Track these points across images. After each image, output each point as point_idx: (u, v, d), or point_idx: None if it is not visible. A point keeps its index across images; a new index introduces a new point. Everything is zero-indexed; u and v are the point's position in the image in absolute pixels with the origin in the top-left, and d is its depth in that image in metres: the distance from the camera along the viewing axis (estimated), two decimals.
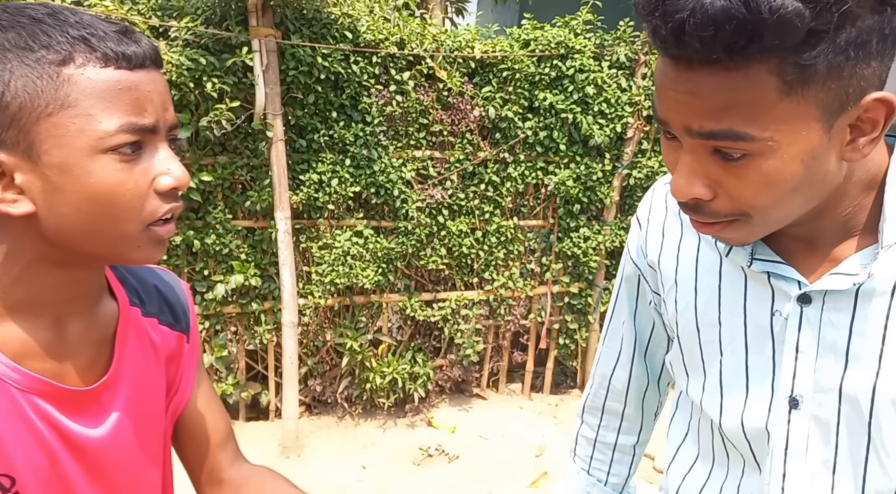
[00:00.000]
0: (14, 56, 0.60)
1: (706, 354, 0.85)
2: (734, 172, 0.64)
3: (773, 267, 0.76)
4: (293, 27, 3.05)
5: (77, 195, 0.63)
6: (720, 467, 0.88)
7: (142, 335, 0.81)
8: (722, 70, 0.58)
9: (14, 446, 0.67)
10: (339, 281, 3.31)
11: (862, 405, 0.72)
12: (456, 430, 3.56)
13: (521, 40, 3.51)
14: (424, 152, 3.43)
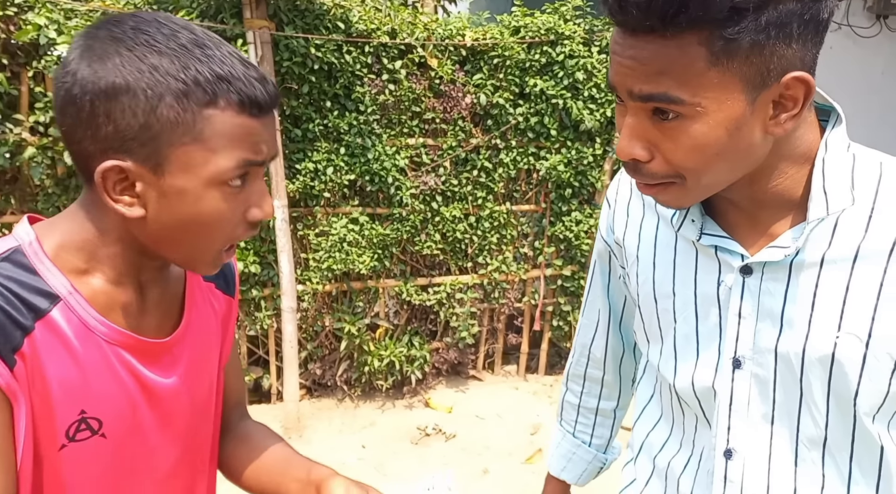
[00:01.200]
0: (167, 84, 0.68)
1: (662, 322, 0.92)
2: (668, 133, 0.70)
3: (720, 241, 0.84)
4: (286, 19, 3.11)
5: (185, 215, 0.72)
6: (678, 425, 0.96)
7: (204, 298, 0.91)
8: (658, 38, 0.65)
9: (102, 391, 0.75)
10: (336, 267, 3.39)
11: (794, 364, 0.80)
12: (453, 410, 3.66)
13: (512, 27, 3.57)
14: (417, 140, 3.50)
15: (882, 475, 0.81)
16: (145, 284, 0.81)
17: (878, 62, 4.68)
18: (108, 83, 0.67)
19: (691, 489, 0.92)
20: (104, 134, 0.69)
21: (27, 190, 3.01)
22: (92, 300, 0.75)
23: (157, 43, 0.68)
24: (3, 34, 2.74)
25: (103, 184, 0.70)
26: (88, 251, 0.76)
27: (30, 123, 2.87)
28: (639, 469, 1.04)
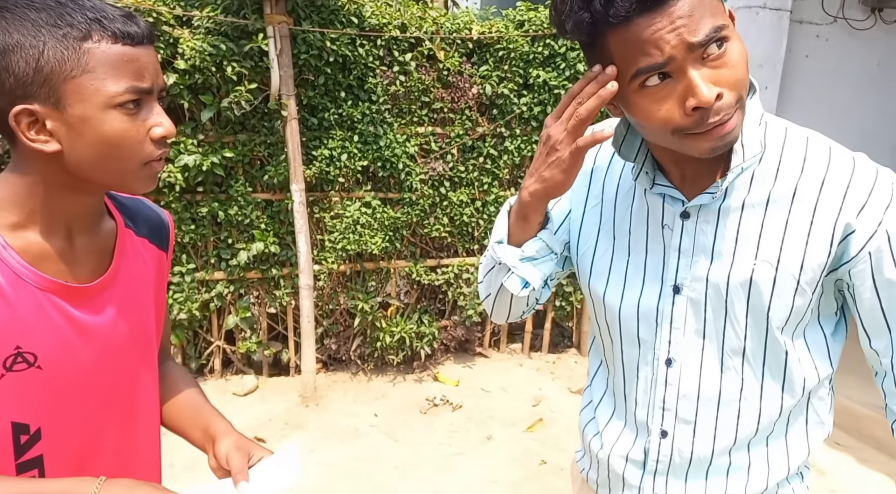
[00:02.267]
0: (46, 31, 0.80)
1: (616, 255, 1.08)
2: (723, 62, 0.82)
3: (666, 190, 1.00)
4: (304, 14, 3.32)
5: (93, 139, 0.84)
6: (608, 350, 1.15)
7: (136, 250, 1.03)
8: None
9: (35, 330, 0.88)
10: (350, 248, 3.61)
11: (721, 289, 0.98)
12: (460, 384, 3.88)
13: (516, 21, 3.77)
14: (427, 128, 3.71)
15: (786, 375, 1.01)
16: (75, 234, 0.93)
17: (874, 54, 4.80)
18: (1, 43, 0.80)
19: (636, 395, 1.10)
20: (9, 87, 0.81)
21: None
22: (23, 252, 0.87)
23: (33, 3, 0.81)
24: None
25: (18, 128, 0.82)
26: (21, 206, 0.88)
27: None
28: (594, 391, 1.23)
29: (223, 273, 3.57)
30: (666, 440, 1.07)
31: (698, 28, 0.80)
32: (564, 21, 0.86)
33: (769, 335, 0.98)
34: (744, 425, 1.04)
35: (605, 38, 0.84)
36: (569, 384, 3.94)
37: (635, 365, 1.10)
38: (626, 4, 0.79)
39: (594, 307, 1.15)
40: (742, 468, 1.07)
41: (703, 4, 0.80)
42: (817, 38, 4.65)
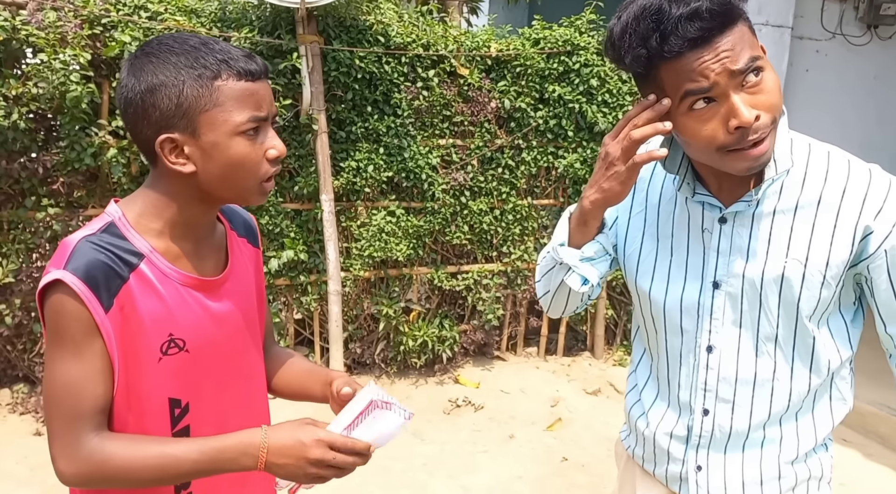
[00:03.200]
0: (185, 72, 0.96)
1: (660, 255, 1.22)
2: (759, 89, 0.96)
3: (706, 198, 1.15)
4: (334, 34, 3.50)
5: (222, 161, 0.99)
6: (653, 339, 1.28)
7: (240, 248, 1.19)
8: (728, 32, 0.94)
9: (182, 320, 1.03)
10: (376, 255, 3.77)
11: (756, 284, 1.11)
12: (480, 386, 4.03)
13: (532, 39, 3.95)
14: (448, 141, 3.89)
15: (813, 358, 1.15)
16: (200, 237, 1.09)
17: (871, 68, 5.01)
18: (148, 83, 0.96)
19: (679, 378, 1.24)
20: (155, 119, 0.97)
21: (106, 186, 3.41)
22: (165, 254, 1.03)
23: (174, 48, 0.97)
24: (92, 50, 3.15)
25: (162, 153, 0.98)
26: (159, 216, 1.03)
27: (111, 127, 3.28)
28: (639, 376, 1.37)
29: None
30: (707, 417, 1.21)
31: (738, 58, 0.94)
32: (624, 56, 1.00)
33: (798, 323, 1.12)
34: (776, 402, 1.17)
35: (658, 71, 0.99)
36: (584, 385, 4.09)
37: (678, 352, 1.23)
38: (680, 42, 0.93)
39: (640, 302, 1.28)
40: (775, 440, 1.20)
41: (743, 40, 0.95)
42: (817, 54, 4.86)
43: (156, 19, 3.23)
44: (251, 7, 3.52)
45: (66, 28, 3.05)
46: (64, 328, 0.95)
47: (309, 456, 0.98)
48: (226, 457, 0.99)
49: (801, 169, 1.10)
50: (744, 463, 1.22)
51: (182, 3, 3.34)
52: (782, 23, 4.43)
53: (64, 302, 0.94)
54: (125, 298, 0.97)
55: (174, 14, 3.24)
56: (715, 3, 0.92)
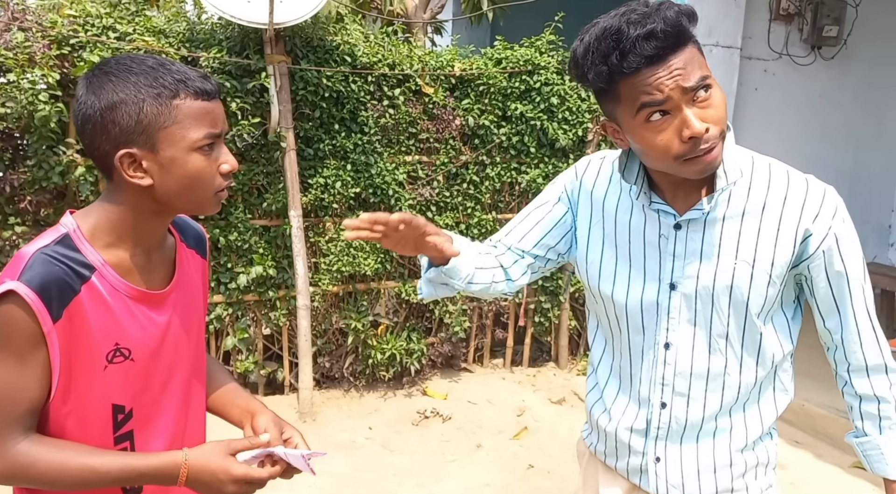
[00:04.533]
0: (145, 91, 1.00)
1: (619, 261, 1.30)
2: (709, 104, 1.06)
3: (662, 206, 1.23)
4: (301, 54, 3.58)
5: (179, 175, 1.04)
6: (617, 339, 1.37)
7: (188, 260, 1.24)
8: (680, 52, 1.04)
9: (128, 330, 1.08)
10: (344, 270, 3.84)
11: (708, 285, 1.21)
12: (448, 397, 4.10)
13: (494, 59, 4.09)
14: (414, 157, 3.99)
15: (760, 352, 1.25)
16: (151, 249, 1.13)
17: (815, 87, 5.27)
18: (108, 100, 1.00)
19: (640, 374, 1.32)
20: (114, 134, 1.01)
21: (74, 204, 3.41)
22: (116, 267, 1.07)
23: (132, 68, 1.01)
24: (60, 70, 3.18)
25: (121, 167, 1.02)
26: (113, 229, 1.07)
27: (79, 146, 3.29)
28: (600, 376, 1.44)
29: (222, 296, 3.75)
30: (665, 410, 1.30)
31: (690, 76, 1.05)
32: (587, 72, 1.09)
33: (747, 321, 1.22)
34: (727, 394, 1.27)
35: (617, 86, 1.08)
36: (549, 395, 4.20)
37: (640, 350, 1.32)
38: (637, 59, 1.03)
39: (604, 305, 1.36)
40: (725, 430, 1.30)
41: (694, 60, 1.06)
42: (765, 73, 5.10)
43: (124, 40, 3.27)
44: (219, 27, 3.58)
45: (35, 48, 3.08)
46: (10, 338, 0.98)
47: (223, 489, 1.06)
48: (146, 476, 1.05)
49: (746, 179, 1.21)
50: (698, 453, 1.31)
51: (150, 23, 3.39)
52: (731, 44, 4.65)
53: (13, 313, 0.97)
54: (75, 309, 1.01)
55: (143, 34, 3.29)
56: (668, 26, 1.02)
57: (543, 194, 1.44)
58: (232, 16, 3.24)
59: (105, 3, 3.40)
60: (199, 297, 1.26)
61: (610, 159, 1.35)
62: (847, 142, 5.49)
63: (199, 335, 1.26)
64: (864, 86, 5.44)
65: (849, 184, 5.51)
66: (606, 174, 1.35)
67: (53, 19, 3.20)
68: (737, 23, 4.66)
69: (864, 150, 5.56)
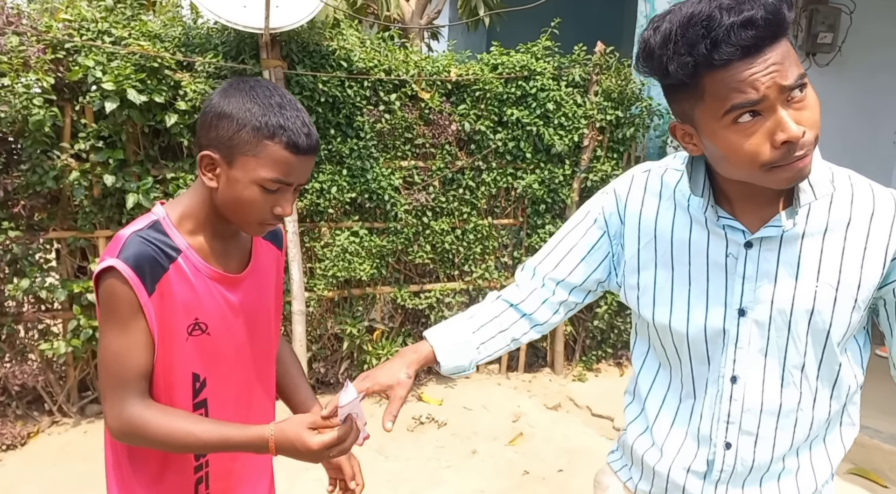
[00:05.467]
0: (250, 119, 1.11)
1: (676, 285, 1.15)
2: (803, 105, 0.93)
3: (729, 222, 1.09)
4: (297, 58, 3.58)
5: (234, 195, 1.15)
6: (676, 369, 1.22)
7: (264, 249, 1.36)
8: (776, 45, 0.91)
9: (207, 307, 1.22)
10: (339, 275, 3.83)
11: (785, 311, 1.06)
12: (443, 403, 4.09)
13: (491, 64, 4.09)
14: (410, 162, 3.98)
15: (836, 384, 1.13)
16: (227, 238, 1.26)
17: None
18: (224, 110, 1.13)
19: (702, 410, 1.18)
20: (211, 137, 1.14)
21: (68, 209, 3.41)
22: (199, 251, 1.21)
23: (257, 96, 1.13)
24: (55, 74, 3.16)
25: (200, 163, 1.16)
26: (196, 218, 1.21)
27: (73, 150, 3.28)
28: (648, 407, 1.27)
29: None
30: (730, 451, 1.16)
31: (788, 74, 0.91)
32: (667, 64, 0.95)
33: (826, 350, 1.09)
34: (798, 432, 1.14)
35: (702, 80, 0.94)
36: (545, 400, 4.19)
37: (704, 382, 1.17)
38: (732, 50, 0.89)
39: (658, 334, 1.21)
40: (792, 471, 1.17)
41: (790, 56, 0.92)
42: None
43: (119, 44, 3.26)
44: (215, 32, 3.57)
45: (29, 52, 3.07)
46: (115, 308, 1.13)
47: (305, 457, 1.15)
48: (239, 445, 1.17)
49: (829, 192, 1.08)
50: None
51: (146, 28, 3.38)
52: None
53: (115, 286, 1.12)
54: (165, 285, 1.15)
55: (138, 39, 3.28)
56: (769, 13, 0.89)
57: (575, 217, 1.31)
58: (228, 21, 3.24)
59: (101, 7, 3.39)
60: (272, 284, 1.37)
61: (657, 172, 1.22)
62: (843, 149, 5.49)
63: (269, 319, 1.37)
64: (859, 93, 5.45)
65: None
66: (655, 189, 1.20)
67: (48, 23, 3.19)
68: None
69: (859, 156, 5.56)
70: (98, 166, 3.31)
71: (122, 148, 3.34)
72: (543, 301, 1.31)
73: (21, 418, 3.52)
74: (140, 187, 3.36)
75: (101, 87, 3.16)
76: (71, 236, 3.41)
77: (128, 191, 3.34)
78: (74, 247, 3.46)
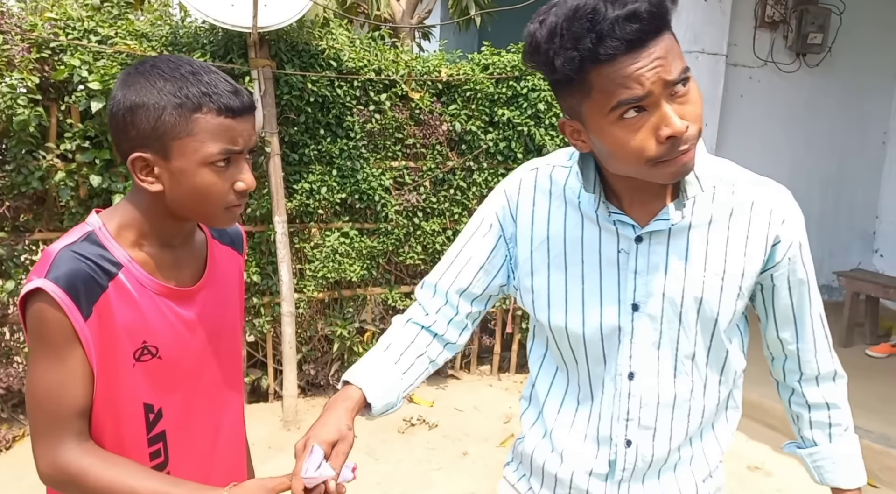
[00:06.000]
0: (167, 99, 0.98)
1: (570, 285, 1.14)
2: (686, 99, 0.93)
3: (620, 217, 1.08)
4: (286, 58, 3.55)
5: (187, 187, 1.02)
6: (573, 371, 1.20)
7: (222, 256, 1.22)
8: (659, 39, 0.90)
9: (156, 328, 1.07)
10: (329, 276, 3.80)
11: (675, 302, 1.08)
12: (434, 404, 4.07)
13: (481, 64, 4.08)
14: (400, 163, 3.96)
15: (723, 370, 1.16)
16: (177, 247, 1.12)
17: (800, 94, 5.30)
18: (132, 101, 0.99)
19: (600, 410, 1.18)
20: (132, 136, 1.00)
21: (54, 210, 3.37)
22: (143, 264, 1.07)
23: (164, 72, 0.99)
24: (40, 74, 3.13)
25: (133, 170, 1.02)
26: (137, 227, 1.07)
27: (59, 150, 3.25)
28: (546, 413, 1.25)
29: None
30: (631, 448, 1.16)
31: (672, 68, 0.91)
32: (553, 58, 0.92)
33: (714, 338, 1.12)
34: (692, 421, 1.16)
35: (588, 75, 0.92)
36: None
37: (601, 382, 1.17)
38: (616, 44, 0.88)
39: (555, 336, 1.19)
40: (687, 460, 1.19)
41: (674, 49, 0.93)
42: (750, 80, 5.13)
43: (106, 43, 3.23)
44: (203, 31, 3.55)
45: (14, 51, 3.03)
46: (45, 336, 0.99)
47: None
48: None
49: (712, 185, 1.11)
50: (662, 491, 1.20)
51: (132, 27, 3.35)
52: (717, 51, 4.67)
53: (44, 311, 0.97)
54: (103, 306, 1.01)
55: (125, 38, 3.25)
56: (653, 5, 0.89)
57: (471, 224, 1.25)
58: (215, 20, 3.21)
59: (87, 6, 3.36)
60: (233, 294, 1.24)
61: (545, 171, 1.19)
62: (831, 149, 5.52)
63: (233, 333, 1.24)
64: (849, 93, 5.47)
65: (833, 191, 5.55)
66: (544, 188, 1.17)
67: (33, 22, 3.15)
68: (722, 30, 4.68)
69: (848, 157, 5.59)
70: (84, 167, 3.27)
71: (109, 148, 3.30)
72: (449, 321, 1.25)
73: (6, 421, 3.47)
74: (127, 188, 3.32)
75: (88, 86, 3.12)
76: (57, 238, 3.37)
77: (114, 191, 3.31)
78: None
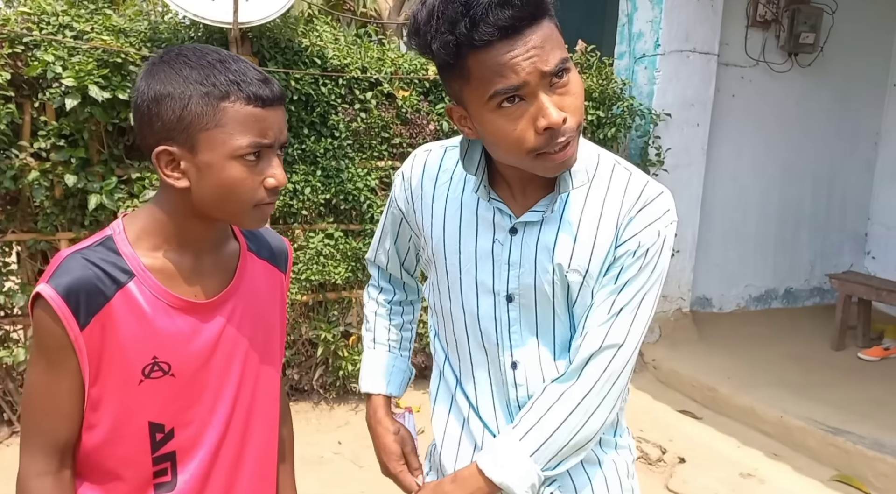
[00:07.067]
0: (193, 88, 0.93)
1: (450, 273, 1.16)
2: (567, 91, 0.93)
3: (499, 205, 1.10)
4: (269, 55, 3.46)
5: (214, 182, 0.96)
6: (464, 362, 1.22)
7: (257, 270, 1.15)
8: (536, 26, 0.90)
9: (169, 342, 1.01)
10: (313, 278, 3.71)
11: (548, 293, 1.10)
12: (420, 409, 3.98)
13: None
14: (386, 163, 3.88)
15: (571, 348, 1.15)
16: (202, 253, 1.05)
17: (792, 94, 5.25)
18: (156, 92, 0.94)
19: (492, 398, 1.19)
20: (156, 129, 0.95)
21: (27, 210, 3.27)
22: (159, 273, 1.00)
23: (190, 61, 0.95)
24: (12, 69, 3.03)
25: (158, 164, 0.96)
26: (160, 230, 1.01)
27: (33, 149, 3.14)
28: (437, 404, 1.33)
29: None
30: None
31: (549, 59, 0.91)
32: (430, 41, 0.93)
33: (573, 322, 1.14)
34: None
35: (466, 60, 0.92)
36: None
37: (486, 371, 1.18)
38: (490, 30, 0.88)
39: (444, 322, 1.23)
40: None
41: (552, 39, 0.92)
42: (742, 79, 5.07)
43: (81, 38, 3.13)
44: (183, 27, 3.45)
45: None
46: (42, 341, 0.96)
47: None
48: None
49: (587, 181, 1.11)
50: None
51: (110, 22, 3.25)
52: (709, 50, 4.61)
53: (41, 317, 0.95)
54: (106, 317, 0.96)
55: (101, 34, 3.15)
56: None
57: (388, 202, 1.32)
58: (195, 15, 3.12)
59: (63, 0, 3.26)
60: (267, 312, 1.15)
61: (437, 154, 1.20)
62: (823, 150, 5.48)
63: (266, 354, 1.15)
64: (841, 93, 5.43)
65: (825, 192, 5.51)
66: (432, 172, 1.19)
67: (6, 17, 3.05)
68: (714, 29, 4.63)
69: (840, 158, 5.55)
70: (59, 166, 3.17)
71: (85, 147, 3.20)
72: (401, 286, 1.41)
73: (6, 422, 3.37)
74: (104, 188, 3.22)
75: (62, 82, 3.02)
76: (31, 239, 3.27)
77: (90, 191, 3.21)
78: (35, 250, 3.31)
